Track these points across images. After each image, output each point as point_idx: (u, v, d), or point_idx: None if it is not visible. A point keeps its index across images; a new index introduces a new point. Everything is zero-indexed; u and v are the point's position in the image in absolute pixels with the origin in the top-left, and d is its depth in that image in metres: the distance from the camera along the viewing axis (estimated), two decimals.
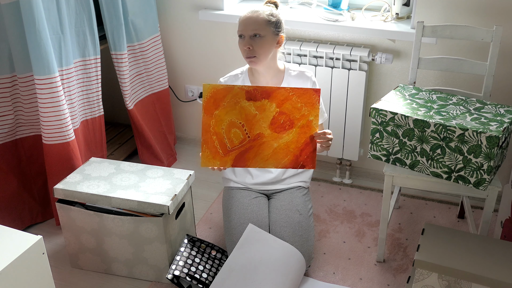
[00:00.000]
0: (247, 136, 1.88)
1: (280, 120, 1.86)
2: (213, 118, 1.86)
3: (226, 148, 1.89)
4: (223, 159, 1.89)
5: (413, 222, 2.43)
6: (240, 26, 2.00)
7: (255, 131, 1.87)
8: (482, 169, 1.82)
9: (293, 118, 1.86)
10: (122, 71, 2.54)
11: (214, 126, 1.87)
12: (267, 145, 1.89)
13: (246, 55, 1.99)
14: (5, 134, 2.27)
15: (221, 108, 1.85)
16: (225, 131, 1.87)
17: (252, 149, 1.89)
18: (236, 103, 1.85)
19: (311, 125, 1.87)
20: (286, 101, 1.84)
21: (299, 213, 2.11)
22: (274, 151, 1.89)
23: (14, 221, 2.33)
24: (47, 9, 2.10)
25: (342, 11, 2.55)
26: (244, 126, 1.87)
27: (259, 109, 1.86)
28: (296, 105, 1.85)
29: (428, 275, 1.77)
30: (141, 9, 2.60)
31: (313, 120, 1.87)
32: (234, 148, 1.88)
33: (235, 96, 1.84)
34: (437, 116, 1.88)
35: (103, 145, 2.59)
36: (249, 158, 1.90)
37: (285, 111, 1.85)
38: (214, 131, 1.87)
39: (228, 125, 1.86)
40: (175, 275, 1.96)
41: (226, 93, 1.84)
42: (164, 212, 1.96)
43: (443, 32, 2.17)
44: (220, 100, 1.84)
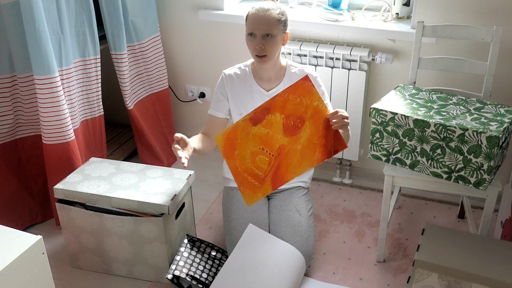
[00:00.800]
0: (271, 155, 1.87)
1: (290, 123, 1.85)
2: (236, 159, 1.88)
3: (260, 178, 1.89)
4: (262, 188, 1.90)
5: (413, 222, 2.43)
6: (251, 24, 1.97)
7: (275, 147, 1.87)
8: (482, 169, 1.82)
9: (300, 114, 1.84)
10: (122, 71, 2.54)
11: (240, 165, 1.88)
12: (293, 152, 1.87)
13: (256, 53, 1.98)
14: (5, 134, 2.27)
15: (238, 147, 1.87)
16: (251, 163, 1.88)
17: (282, 163, 1.88)
18: (247, 134, 1.86)
19: (319, 110, 1.84)
20: (285, 104, 1.84)
21: (299, 213, 2.11)
22: (301, 153, 1.87)
23: (14, 221, 2.33)
24: (47, 9, 2.10)
25: (342, 11, 2.55)
26: (264, 149, 1.87)
27: (268, 126, 1.85)
28: (295, 101, 1.84)
29: (428, 275, 1.77)
30: (141, 9, 2.60)
31: (318, 104, 1.83)
32: (266, 173, 1.88)
33: (243, 130, 1.86)
34: (437, 116, 1.88)
35: (103, 145, 2.59)
36: (284, 173, 1.89)
37: (289, 113, 1.84)
38: (242, 169, 1.88)
39: (251, 157, 1.87)
40: (175, 275, 1.96)
41: (235, 132, 1.86)
42: (164, 212, 1.96)
43: (443, 32, 2.17)
44: (234, 141, 1.87)
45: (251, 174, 1.89)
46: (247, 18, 1.99)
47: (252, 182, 1.89)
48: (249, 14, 1.99)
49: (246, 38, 1.99)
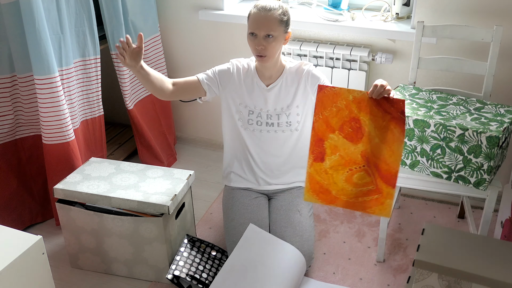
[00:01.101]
0: (363, 166, 1.75)
1: (348, 131, 1.73)
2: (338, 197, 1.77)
3: (374, 190, 1.76)
4: (384, 193, 1.74)
5: (413, 222, 2.43)
6: (252, 24, 1.96)
7: (358, 158, 1.74)
8: (482, 169, 1.82)
9: (348, 118, 1.73)
10: (122, 71, 2.54)
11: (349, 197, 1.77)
12: (376, 148, 1.73)
13: (257, 53, 1.97)
14: (5, 134, 2.27)
15: (330, 188, 1.76)
16: (354, 187, 1.76)
17: (377, 163, 1.74)
18: (325, 172, 1.75)
19: (358, 98, 1.71)
20: (328, 122, 1.72)
21: (299, 213, 2.11)
22: (382, 142, 1.72)
23: (14, 221, 2.33)
24: (47, 9, 2.10)
25: (342, 11, 2.55)
26: (352, 167, 1.75)
27: (334, 150, 1.74)
28: (333, 112, 1.73)
29: (428, 275, 1.77)
30: (141, 9, 2.60)
31: (354, 96, 1.71)
32: (374, 182, 1.75)
33: (319, 173, 1.75)
34: (437, 116, 1.88)
35: (103, 145, 2.59)
36: (388, 168, 1.73)
37: (339, 124, 1.74)
38: (353, 198, 1.76)
39: (348, 183, 1.76)
40: (175, 275, 1.96)
41: (314, 180, 1.76)
42: (164, 212, 1.96)
43: (443, 32, 2.17)
44: (321, 187, 1.76)
45: (364, 195, 1.76)
46: (249, 17, 1.98)
47: (372, 199, 1.76)
48: (251, 13, 1.98)
49: (248, 37, 1.99)
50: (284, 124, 2.13)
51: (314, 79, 2.05)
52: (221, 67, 2.12)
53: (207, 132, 3.08)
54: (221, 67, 2.12)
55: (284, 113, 2.11)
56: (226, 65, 2.12)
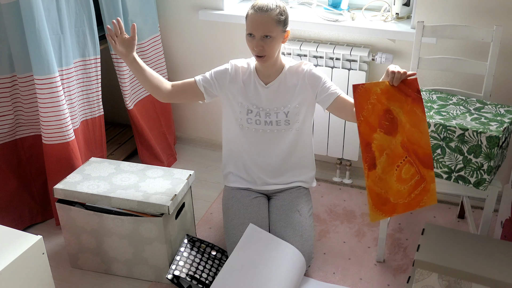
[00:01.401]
0: (406, 158, 1.75)
1: (386, 125, 1.73)
2: (395, 203, 1.77)
3: (420, 179, 1.77)
4: (428, 179, 1.77)
5: (413, 222, 2.43)
6: (250, 25, 1.96)
7: (400, 151, 1.75)
8: (482, 169, 1.82)
9: (383, 111, 1.73)
10: (122, 71, 2.54)
11: (402, 198, 1.77)
12: (410, 133, 1.74)
13: (255, 54, 1.98)
14: (5, 134, 2.27)
15: (389, 194, 1.76)
16: (405, 184, 1.77)
17: (415, 149, 1.75)
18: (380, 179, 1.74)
19: (385, 88, 1.73)
20: (370, 123, 1.72)
21: (299, 213, 2.11)
22: (413, 126, 1.75)
23: (14, 221, 2.33)
24: (47, 9, 2.10)
25: (342, 11, 2.55)
26: (396, 163, 1.75)
27: (381, 151, 1.74)
28: (370, 112, 1.72)
29: (428, 275, 1.77)
30: (141, 9, 2.60)
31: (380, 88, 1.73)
32: (418, 170, 1.77)
33: (375, 182, 1.73)
34: (437, 116, 1.88)
35: (103, 145, 2.59)
36: (423, 151, 1.75)
37: (378, 122, 1.74)
38: (406, 196, 1.77)
39: (400, 182, 1.76)
40: (175, 275, 1.96)
41: (374, 193, 1.74)
42: (164, 212, 1.96)
43: (443, 32, 2.17)
44: (382, 197, 1.75)
45: (414, 188, 1.78)
46: (247, 18, 1.98)
47: (421, 190, 1.78)
48: (248, 14, 1.98)
49: (246, 38, 1.99)
50: (283, 123, 2.13)
51: (314, 79, 2.05)
52: (219, 68, 2.13)
53: (207, 132, 3.08)
54: (218, 68, 2.14)
55: (283, 112, 2.11)
56: (224, 66, 2.13)
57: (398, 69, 1.71)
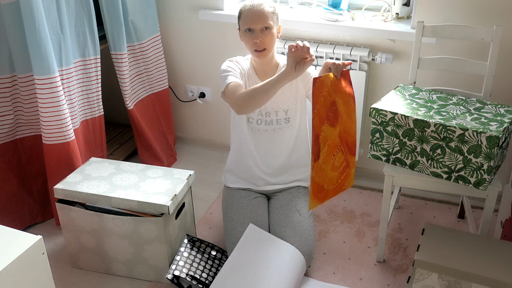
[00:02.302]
0: (339, 147, 1.84)
1: (331, 116, 1.79)
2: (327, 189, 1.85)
3: (346, 166, 1.88)
4: (350, 164, 1.89)
5: (413, 222, 2.43)
6: (248, 20, 1.98)
7: (337, 140, 1.82)
8: (482, 169, 1.82)
9: (330, 103, 1.78)
10: (122, 71, 2.54)
11: (331, 184, 1.86)
12: (344, 123, 1.83)
13: (255, 48, 1.98)
14: (5, 134, 2.27)
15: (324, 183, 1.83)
16: (335, 172, 1.85)
17: (346, 137, 1.85)
18: (322, 169, 1.80)
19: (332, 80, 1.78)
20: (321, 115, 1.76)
21: (299, 213, 2.11)
22: (347, 116, 1.83)
23: (14, 221, 2.33)
24: (47, 9, 2.10)
25: (342, 11, 2.55)
26: (334, 153, 1.83)
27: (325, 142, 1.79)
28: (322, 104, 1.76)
29: (428, 275, 1.77)
30: (141, 9, 2.60)
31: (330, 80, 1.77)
32: (346, 158, 1.87)
33: (318, 174, 1.80)
34: (437, 116, 1.88)
35: (103, 145, 2.59)
36: (351, 139, 1.87)
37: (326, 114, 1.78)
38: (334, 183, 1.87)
39: (333, 170, 1.84)
40: (175, 275, 1.96)
41: (316, 185, 1.81)
42: (164, 212, 1.96)
43: (443, 32, 2.17)
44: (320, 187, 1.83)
45: (341, 174, 1.88)
46: (241, 16, 2.01)
47: (345, 175, 1.88)
48: (242, 11, 2.01)
49: (243, 35, 2.01)
50: (283, 121, 2.13)
51: (304, 74, 2.06)
52: (228, 63, 2.09)
53: (207, 132, 3.08)
54: (227, 63, 2.09)
55: (282, 110, 2.11)
56: (229, 61, 2.11)
57: (336, 61, 1.79)
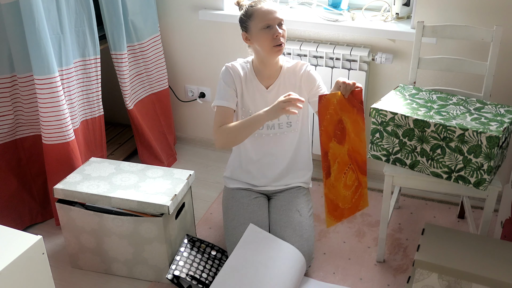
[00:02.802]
0: (350, 165, 1.87)
1: (338, 134, 1.82)
2: (343, 208, 1.88)
3: (358, 185, 1.91)
4: (362, 184, 1.92)
5: (413, 222, 2.43)
6: (264, 17, 1.97)
7: (346, 158, 1.85)
8: (482, 169, 1.82)
9: (337, 121, 1.81)
10: (122, 71, 2.54)
11: (346, 204, 1.88)
12: (353, 142, 1.86)
13: (275, 43, 1.98)
14: (5, 134, 2.27)
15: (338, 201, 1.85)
16: (349, 190, 1.88)
17: (356, 156, 1.88)
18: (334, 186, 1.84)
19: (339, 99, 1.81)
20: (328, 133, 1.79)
21: (299, 213, 2.11)
22: (355, 135, 1.86)
23: (14, 221, 2.33)
24: (47, 9, 2.10)
25: (342, 11, 2.55)
26: (345, 171, 1.86)
27: (334, 161, 1.82)
28: (328, 121, 1.79)
29: (428, 275, 1.77)
30: (141, 9, 2.60)
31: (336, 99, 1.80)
32: (357, 177, 1.89)
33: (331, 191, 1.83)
34: (437, 116, 1.88)
35: (103, 145, 2.59)
36: (361, 158, 1.89)
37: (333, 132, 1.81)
38: (348, 202, 1.89)
39: (345, 188, 1.87)
40: (175, 275, 1.96)
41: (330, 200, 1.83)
42: (164, 212, 1.96)
43: (443, 32, 2.17)
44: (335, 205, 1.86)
45: (354, 193, 1.91)
46: (253, 16, 1.99)
47: (359, 195, 1.91)
48: (254, 11, 1.99)
49: (260, 33, 1.98)
50: (285, 125, 2.13)
51: (310, 80, 2.07)
52: (222, 75, 2.10)
53: (207, 132, 3.08)
54: (222, 75, 2.10)
55: (284, 114, 2.11)
56: (224, 71, 2.11)
57: (345, 80, 1.81)
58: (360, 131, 1.88)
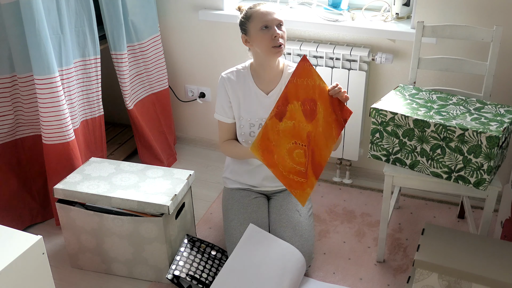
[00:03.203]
0: (304, 146, 1.88)
1: (307, 108, 1.86)
2: (278, 164, 1.86)
3: (303, 173, 1.89)
4: (308, 182, 1.91)
5: (413, 222, 2.43)
6: (263, 18, 1.97)
7: (304, 136, 1.87)
8: (482, 169, 1.82)
9: (311, 97, 1.87)
10: (122, 71, 2.54)
11: (284, 169, 1.87)
12: (318, 136, 1.89)
13: (274, 44, 1.97)
14: (5, 134, 2.27)
15: (275, 151, 1.85)
16: (291, 162, 1.88)
17: (314, 150, 1.90)
18: (277, 132, 1.85)
19: (322, 87, 1.89)
20: (298, 90, 1.85)
21: (299, 213, 2.11)
22: (323, 134, 1.90)
23: (14, 221, 2.33)
24: (47, 9, 2.10)
25: (342, 11, 2.55)
26: (297, 142, 1.87)
27: (292, 117, 1.85)
28: (303, 85, 1.85)
29: (428, 275, 1.77)
30: (141, 9, 2.60)
31: (320, 83, 1.88)
32: (306, 165, 1.89)
33: (273, 129, 1.84)
34: (437, 116, 1.88)
35: (103, 145, 2.59)
36: (319, 159, 1.91)
37: (303, 98, 1.86)
38: (287, 172, 1.87)
39: (289, 155, 1.87)
40: (175, 275, 1.96)
41: (266, 135, 1.84)
42: (164, 212, 1.96)
43: (443, 32, 2.17)
44: (268, 146, 1.85)
45: (295, 173, 1.88)
46: (252, 17, 1.99)
47: (299, 181, 1.89)
48: (253, 12, 1.99)
49: (259, 34, 1.97)
50: None
51: None
52: (218, 88, 2.14)
53: (207, 132, 3.08)
54: (218, 89, 2.14)
55: None
56: (219, 84, 2.13)
57: (341, 86, 1.91)
58: (331, 138, 1.92)
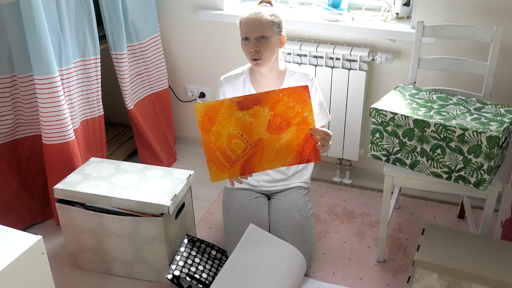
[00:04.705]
0: (248, 143, 1.88)
1: (276, 122, 1.86)
2: (211, 134, 1.86)
3: (231, 160, 1.89)
4: (231, 170, 1.90)
5: (413, 222, 2.43)
6: (244, 28, 1.98)
7: (255, 137, 1.88)
8: (482, 169, 1.82)
9: (288, 118, 1.86)
10: (122, 71, 2.54)
11: (214, 142, 1.87)
12: (269, 148, 1.89)
13: (251, 57, 1.97)
14: (5, 134, 2.27)
15: (217, 124, 1.85)
16: (226, 144, 1.87)
17: (256, 154, 1.89)
18: (230, 115, 1.85)
19: (307, 121, 1.88)
20: (277, 103, 1.84)
21: (299, 213, 2.11)
22: (277, 152, 1.90)
23: (13, 221, 2.33)
24: (47, 9, 2.10)
25: (342, 11, 2.55)
26: (244, 135, 1.87)
27: (254, 116, 1.85)
28: (288, 104, 1.85)
29: (428, 275, 1.77)
30: (141, 9, 2.60)
31: (308, 116, 1.87)
32: (238, 158, 1.89)
33: (227, 109, 1.84)
34: (437, 116, 1.88)
35: (103, 145, 2.59)
36: (255, 163, 1.90)
37: (279, 112, 1.86)
38: (215, 146, 1.87)
39: (228, 138, 1.87)
40: (175, 275, 1.96)
41: (218, 109, 1.84)
42: (164, 212, 1.96)
43: (443, 32, 2.17)
44: (214, 117, 1.84)
45: (222, 154, 1.88)
46: (241, 24, 2.01)
47: (221, 161, 1.89)
48: (242, 20, 2.00)
49: (242, 44, 2.00)
50: None
51: (313, 90, 2.08)
52: (218, 93, 2.16)
53: None
54: (218, 93, 2.16)
55: None
56: (219, 88, 2.15)
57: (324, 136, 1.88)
58: (281, 157, 1.90)
